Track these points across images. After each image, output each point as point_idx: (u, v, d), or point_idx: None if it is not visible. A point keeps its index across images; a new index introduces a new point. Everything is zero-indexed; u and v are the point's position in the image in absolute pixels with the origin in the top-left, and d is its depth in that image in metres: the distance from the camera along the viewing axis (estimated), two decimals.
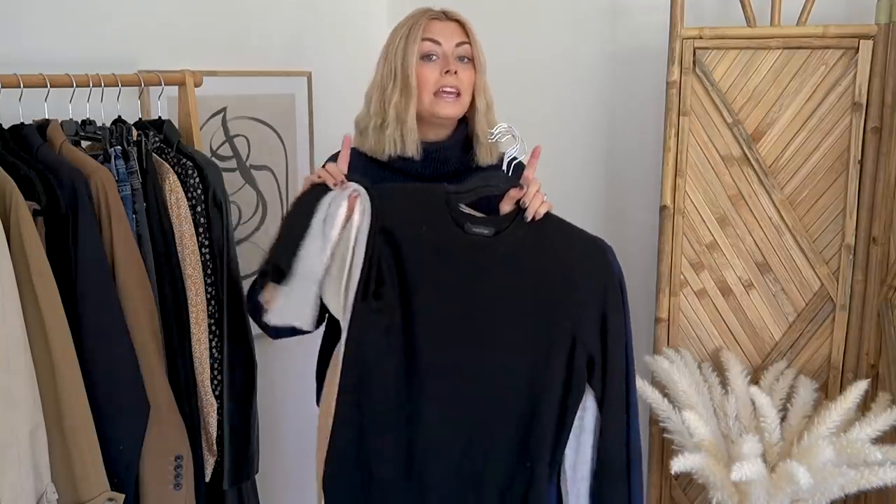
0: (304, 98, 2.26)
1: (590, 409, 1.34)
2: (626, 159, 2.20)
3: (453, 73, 1.43)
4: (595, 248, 1.35)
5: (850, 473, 1.52)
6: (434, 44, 1.44)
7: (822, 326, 1.86)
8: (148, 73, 1.67)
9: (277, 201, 2.25)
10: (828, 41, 1.76)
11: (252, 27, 2.13)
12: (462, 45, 1.46)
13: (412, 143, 1.45)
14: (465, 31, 1.47)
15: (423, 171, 1.48)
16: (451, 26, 1.47)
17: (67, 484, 1.34)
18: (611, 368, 1.32)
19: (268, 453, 1.76)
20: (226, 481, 1.64)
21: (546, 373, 1.31)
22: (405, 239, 1.33)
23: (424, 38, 1.44)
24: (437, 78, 1.44)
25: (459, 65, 1.46)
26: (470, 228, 1.34)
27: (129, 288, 1.45)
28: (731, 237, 1.89)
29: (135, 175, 1.53)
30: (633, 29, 2.14)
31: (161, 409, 1.48)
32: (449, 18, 1.48)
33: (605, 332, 1.32)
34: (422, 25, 1.44)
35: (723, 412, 1.76)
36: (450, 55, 1.45)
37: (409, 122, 1.44)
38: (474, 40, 1.48)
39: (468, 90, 1.47)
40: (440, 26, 1.46)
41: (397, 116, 1.44)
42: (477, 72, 1.48)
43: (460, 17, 1.49)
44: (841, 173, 1.80)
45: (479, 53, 1.48)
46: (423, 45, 1.44)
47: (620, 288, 1.34)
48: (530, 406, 1.32)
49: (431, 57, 1.45)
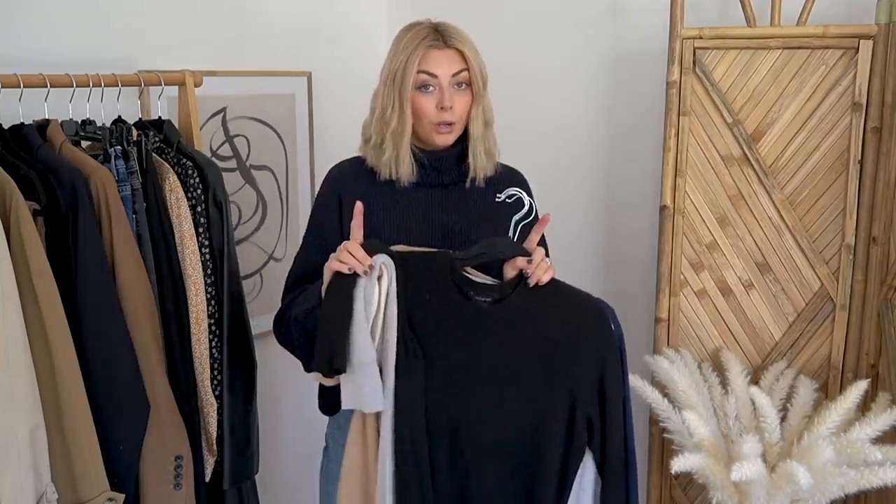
0: (304, 98, 2.26)
1: (588, 469, 1.36)
2: (626, 159, 2.20)
3: (448, 108, 1.44)
4: (596, 312, 1.37)
5: (850, 473, 1.52)
6: (430, 76, 1.43)
7: (822, 326, 1.86)
8: (148, 73, 1.67)
9: (277, 201, 2.25)
10: (828, 41, 1.76)
11: (252, 27, 2.13)
12: (459, 73, 1.45)
13: (406, 171, 1.47)
14: (463, 57, 1.45)
15: (423, 181, 1.50)
16: (448, 55, 1.44)
17: (67, 484, 1.34)
18: (609, 433, 1.35)
19: (268, 453, 1.76)
20: (226, 481, 1.64)
21: (547, 435, 1.34)
22: (413, 306, 1.34)
23: (420, 71, 1.43)
24: (433, 110, 1.44)
25: (456, 94, 1.45)
26: (473, 296, 1.36)
27: (129, 288, 1.45)
28: (731, 237, 1.89)
29: (135, 175, 1.53)
30: (633, 29, 2.14)
31: (161, 409, 1.48)
32: (447, 45, 1.44)
33: (603, 397, 1.35)
34: (419, 56, 1.42)
35: (723, 412, 1.76)
36: (446, 86, 1.44)
37: (404, 151, 1.46)
38: (472, 65, 1.45)
39: (463, 117, 1.48)
40: (437, 56, 1.44)
41: (394, 144, 1.46)
42: (474, 98, 1.47)
43: (459, 43, 1.45)
44: (841, 173, 1.80)
45: (477, 79, 1.46)
46: (418, 78, 1.43)
47: (620, 353, 1.37)
48: (532, 468, 1.35)
49: (428, 87, 1.44)
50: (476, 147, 1.49)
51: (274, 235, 2.25)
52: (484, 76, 1.48)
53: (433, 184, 1.51)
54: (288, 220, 2.28)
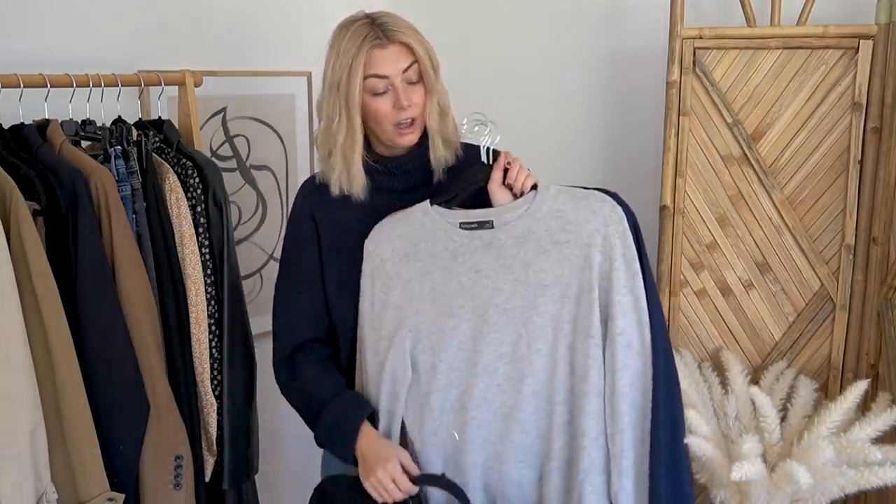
0: (304, 98, 2.26)
1: None
2: (626, 159, 2.20)
3: (406, 106, 1.36)
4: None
5: (850, 473, 1.52)
6: (380, 78, 1.34)
7: (822, 326, 1.86)
8: (148, 73, 1.67)
9: (277, 201, 2.25)
10: (828, 41, 1.76)
11: (252, 27, 2.12)
12: (409, 68, 1.36)
13: (358, 187, 1.40)
14: (410, 50, 1.35)
15: (399, 185, 1.45)
16: (394, 51, 1.34)
17: (67, 484, 1.35)
18: None
19: (268, 453, 1.76)
20: (226, 481, 1.64)
21: None
22: None
23: (369, 76, 1.34)
24: (391, 112, 1.36)
25: (410, 89, 1.37)
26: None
27: (129, 288, 1.45)
28: (731, 237, 1.89)
29: (135, 175, 1.53)
30: (633, 29, 2.14)
31: (161, 409, 1.48)
32: (391, 41, 1.34)
33: None
34: (363, 59, 1.33)
35: (723, 412, 1.76)
36: (399, 84, 1.35)
37: (355, 167, 1.39)
38: (421, 57, 1.36)
39: (424, 110, 1.40)
40: (382, 55, 1.34)
41: (343, 159, 1.38)
42: (427, 91, 1.38)
43: (402, 36, 1.35)
44: (841, 173, 1.80)
45: (428, 70, 1.37)
46: (368, 83, 1.34)
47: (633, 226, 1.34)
48: None
49: (380, 90, 1.36)
50: (434, 140, 1.41)
51: (274, 235, 2.25)
52: (435, 64, 1.39)
53: (404, 188, 1.45)
54: None
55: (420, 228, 1.36)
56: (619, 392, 1.28)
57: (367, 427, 1.36)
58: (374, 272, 1.39)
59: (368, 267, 1.40)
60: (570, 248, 1.30)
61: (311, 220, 1.47)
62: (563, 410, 1.31)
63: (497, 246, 1.33)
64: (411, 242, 1.36)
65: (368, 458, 1.33)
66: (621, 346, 1.28)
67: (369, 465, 1.33)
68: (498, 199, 1.36)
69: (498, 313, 1.32)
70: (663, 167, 1.90)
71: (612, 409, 1.28)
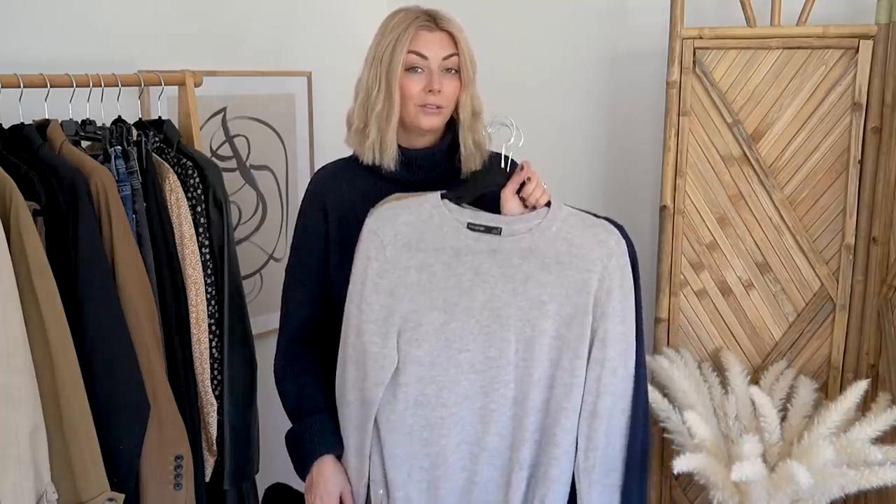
0: (304, 98, 2.26)
1: None
2: (626, 159, 2.20)
3: (437, 91, 1.39)
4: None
5: (850, 473, 1.52)
6: (420, 57, 1.39)
7: (822, 326, 1.86)
8: (148, 73, 1.67)
9: (277, 201, 2.25)
10: (828, 41, 1.76)
11: (252, 27, 2.13)
12: (450, 58, 1.40)
13: (390, 156, 1.43)
14: (454, 41, 1.41)
15: (413, 178, 1.47)
16: (439, 37, 1.40)
17: (67, 484, 1.34)
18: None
19: (268, 453, 1.76)
20: (226, 481, 1.64)
21: None
22: None
23: (410, 51, 1.38)
24: (420, 93, 1.39)
25: (445, 77, 1.41)
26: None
27: (129, 288, 1.45)
28: (731, 237, 1.89)
29: (135, 175, 1.53)
30: (633, 29, 2.14)
31: (161, 409, 1.48)
32: (439, 28, 1.40)
33: None
34: (409, 36, 1.38)
35: (723, 412, 1.76)
36: (435, 70, 1.39)
37: (390, 135, 1.41)
38: (463, 50, 1.41)
39: (451, 103, 1.43)
40: (428, 38, 1.39)
41: (379, 127, 1.41)
42: (462, 85, 1.43)
43: (451, 26, 1.41)
44: (841, 173, 1.80)
45: (467, 65, 1.42)
46: (408, 58, 1.38)
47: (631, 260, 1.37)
48: None
49: (417, 69, 1.40)
50: (465, 136, 1.45)
51: (274, 235, 2.25)
52: (474, 64, 1.44)
53: (423, 180, 1.46)
54: (288, 220, 2.28)
55: (427, 220, 1.37)
56: (600, 413, 1.34)
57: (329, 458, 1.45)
58: (371, 253, 1.37)
59: (365, 245, 1.38)
60: (571, 270, 1.34)
61: (321, 210, 1.49)
62: (535, 419, 1.36)
63: (502, 253, 1.35)
64: (416, 232, 1.37)
65: (316, 481, 1.44)
66: (608, 371, 1.35)
67: (314, 487, 1.44)
68: (508, 207, 1.38)
69: (492, 318, 1.34)
70: (663, 167, 1.90)
71: (589, 428, 1.35)
